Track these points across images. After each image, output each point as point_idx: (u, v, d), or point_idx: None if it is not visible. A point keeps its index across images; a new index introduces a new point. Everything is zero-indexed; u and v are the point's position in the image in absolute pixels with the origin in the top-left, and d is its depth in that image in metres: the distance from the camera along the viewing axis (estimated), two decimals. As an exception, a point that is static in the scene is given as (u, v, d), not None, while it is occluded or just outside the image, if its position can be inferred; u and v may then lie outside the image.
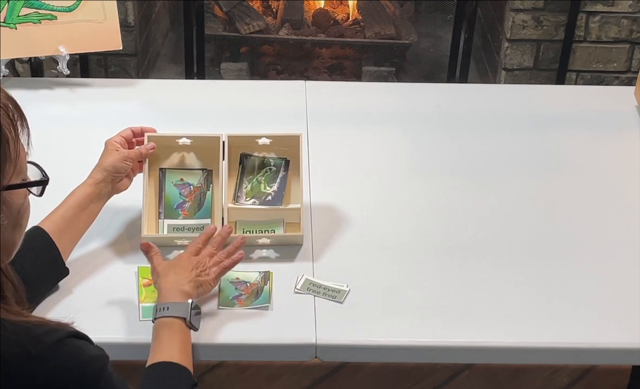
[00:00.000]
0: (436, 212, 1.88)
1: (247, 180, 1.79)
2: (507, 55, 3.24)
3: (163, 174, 1.78)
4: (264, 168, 1.79)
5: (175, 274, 1.54)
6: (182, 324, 1.47)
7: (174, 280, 1.52)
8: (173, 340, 1.45)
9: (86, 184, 1.67)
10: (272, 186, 1.79)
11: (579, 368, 1.65)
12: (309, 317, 1.60)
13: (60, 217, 1.62)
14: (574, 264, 1.75)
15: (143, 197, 1.74)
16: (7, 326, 1.15)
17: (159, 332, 1.46)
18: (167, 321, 1.47)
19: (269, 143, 1.79)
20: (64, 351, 1.17)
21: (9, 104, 1.18)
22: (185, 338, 1.46)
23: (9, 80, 2.28)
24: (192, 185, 1.78)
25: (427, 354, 1.59)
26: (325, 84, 2.74)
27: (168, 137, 1.79)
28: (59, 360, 1.16)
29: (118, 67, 3.32)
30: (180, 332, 1.46)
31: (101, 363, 1.22)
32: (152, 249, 1.61)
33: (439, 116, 2.22)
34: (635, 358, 1.61)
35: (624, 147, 2.12)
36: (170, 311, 1.47)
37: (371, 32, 3.59)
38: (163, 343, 1.44)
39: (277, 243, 1.74)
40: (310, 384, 1.62)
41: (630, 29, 3.17)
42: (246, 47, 3.67)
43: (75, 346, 1.20)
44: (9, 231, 1.21)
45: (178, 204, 1.77)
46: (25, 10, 2.20)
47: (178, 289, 1.51)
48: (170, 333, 1.45)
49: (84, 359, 1.19)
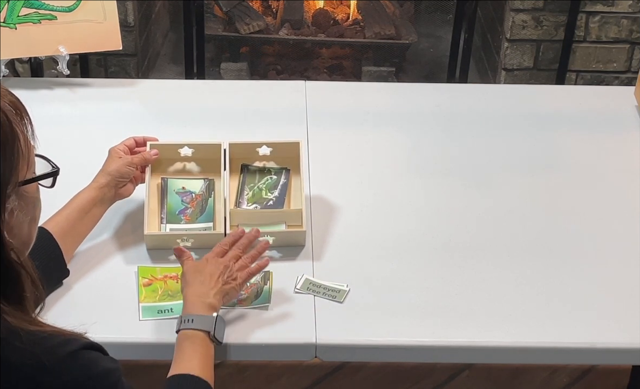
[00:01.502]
0: (436, 212, 1.88)
1: (249, 187, 1.81)
2: (507, 55, 3.24)
3: (165, 183, 1.80)
4: (265, 176, 1.82)
5: (201, 283, 1.52)
6: (205, 338, 1.46)
7: (200, 292, 1.51)
8: (195, 352, 1.44)
9: (90, 188, 1.69)
10: (273, 192, 1.80)
11: (579, 368, 1.65)
12: (309, 317, 1.60)
13: (64, 219, 1.63)
14: (574, 264, 1.75)
15: (145, 201, 1.75)
16: (22, 336, 1.13)
17: (182, 344, 1.45)
18: (190, 334, 1.45)
19: (269, 153, 1.82)
20: (77, 364, 1.16)
21: (15, 101, 1.19)
22: (207, 351, 1.45)
23: (9, 80, 2.28)
24: (193, 193, 1.79)
25: (427, 354, 1.59)
26: (325, 84, 2.74)
27: (170, 146, 1.81)
28: (72, 374, 1.15)
29: (118, 67, 3.32)
30: (203, 345, 1.45)
31: (115, 378, 1.21)
32: (184, 254, 1.59)
33: (439, 116, 2.22)
34: (635, 358, 1.61)
35: (624, 147, 2.12)
36: (194, 324, 1.46)
37: (371, 32, 3.59)
38: (185, 355, 1.43)
39: (280, 244, 1.73)
40: (310, 384, 1.63)
41: (630, 29, 3.17)
42: (246, 47, 3.67)
43: (89, 359, 1.18)
44: (27, 226, 1.22)
45: (180, 210, 1.78)
46: (25, 10, 2.20)
47: (204, 301, 1.49)
48: (193, 346, 1.44)
49: (97, 372, 1.18)
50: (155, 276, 1.66)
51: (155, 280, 1.65)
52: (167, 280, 1.65)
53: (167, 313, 1.57)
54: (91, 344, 1.20)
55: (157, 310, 1.59)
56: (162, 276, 1.65)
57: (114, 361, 1.23)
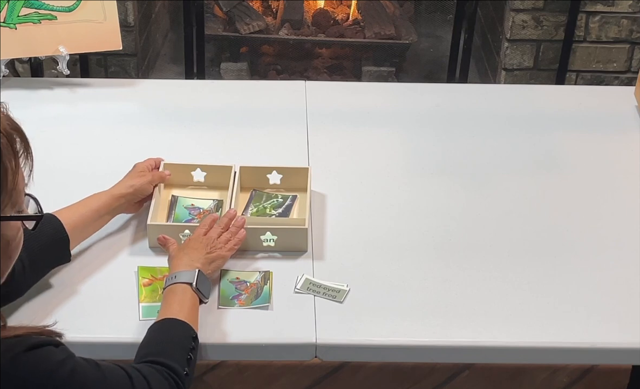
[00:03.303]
0: (436, 212, 1.88)
1: (254, 205, 1.85)
2: (507, 55, 3.24)
3: (175, 199, 1.86)
4: (272, 199, 1.87)
5: (186, 254, 1.61)
6: (187, 288, 1.53)
7: (185, 260, 1.59)
8: (174, 302, 1.51)
9: (109, 195, 1.72)
10: (277, 210, 1.84)
11: (579, 368, 1.65)
12: (309, 317, 1.60)
13: (77, 215, 1.66)
14: (574, 264, 1.75)
15: (152, 203, 1.77)
16: None
17: (165, 297, 1.54)
18: (174, 287, 1.54)
19: (279, 182, 1.88)
20: (23, 367, 1.15)
21: (14, 134, 1.16)
22: (190, 301, 1.52)
23: (9, 80, 2.28)
24: (202, 208, 1.84)
25: (427, 354, 1.58)
26: (325, 84, 2.74)
27: (182, 166, 1.88)
28: (20, 377, 1.14)
29: (118, 67, 3.32)
30: (183, 294, 1.53)
31: (69, 367, 1.21)
32: (168, 241, 1.67)
33: (439, 116, 2.22)
34: (635, 358, 1.61)
35: (624, 147, 2.12)
36: (177, 279, 1.55)
37: (371, 32, 3.59)
38: (167, 306, 1.51)
39: (282, 248, 1.73)
40: (310, 384, 1.63)
41: (630, 29, 3.17)
42: (246, 47, 3.67)
43: (37, 357, 1.17)
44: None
45: (187, 220, 1.81)
46: (25, 10, 2.20)
47: (187, 263, 1.58)
48: (175, 296, 1.52)
49: (46, 368, 1.18)
50: (155, 276, 1.66)
51: (155, 280, 1.65)
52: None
53: (167, 312, 1.57)
54: (38, 342, 1.19)
55: (157, 310, 1.58)
56: (162, 276, 1.65)
57: (65, 350, 1.23)
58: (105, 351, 1.55)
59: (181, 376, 1.39)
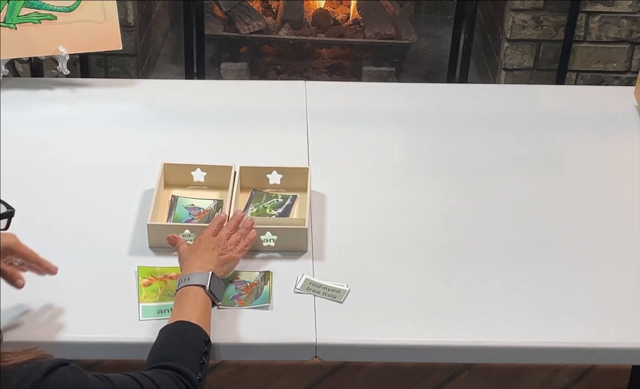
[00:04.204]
0: (436, 212, 1.88)
1: (254, 205, 1.85)
2: (507, 55, 3.24)
3: (175, 199, 1.85)
4: (272, 199, 1.87)
5: (198, 256, 1.59)
6: (201, 291, 1.53)
7: (198, 262, 1.58)
8: (187, 304, 1.51)
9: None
10: (277, 210, 1.84)
11: (579, 368, 1.65)
12: (309, 317, 1.60)
13: None
14: (574, 264, 1.75)
15: (152, 202, 1.76)
16: None
17: (178, 299, 1.53)
18: (187, 290, 1.53)
19: (279, 182, 1.88)
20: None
21: None
22: (203, 304, 1.52)
23: (9, 80, 2.28)
24: (202, 208, 1.84)
25: (427, 354, 1.59)
26: (325, 84, 2.74)
27: (182, 166, 1.88)
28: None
29: (118, 67, 3.32)
30: (196, 297, 1.52)
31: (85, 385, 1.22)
32: (178, 240, 1.66)
33: (439, 116, 2.22)
34: (635, 358, 1.61)
35: (624, 147, 2.12)
36: (190, 281, 1.54)
37: (371, 32, 3.59)
38: (179, 308, 1.51)
39: (282, 248, 1.73)
40: (310, 384, 1.63)
41: (630, 29, 3.17)
42: (246, 47, 3.66)
43: (56, 381, 1.18)
44: None
45: (187, 220, 1.80)
46: (25, 10, 2.20)
47: (200, 265, 1.57)
48: (188, 299, 1.52)
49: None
50: (155, 276, 1.66)
51: (155, 280, 1.65)
52: (167, 280, 1.65)
53: (167, 313, 1.57)
54: (51, 366, 1.19)
55: (157, 310, 1.59)
56: (162, 276, 1.66)
57: (75, 368, 1.23)
58: (105, 351, 1.56)
59: (194, 382, 1.39)
